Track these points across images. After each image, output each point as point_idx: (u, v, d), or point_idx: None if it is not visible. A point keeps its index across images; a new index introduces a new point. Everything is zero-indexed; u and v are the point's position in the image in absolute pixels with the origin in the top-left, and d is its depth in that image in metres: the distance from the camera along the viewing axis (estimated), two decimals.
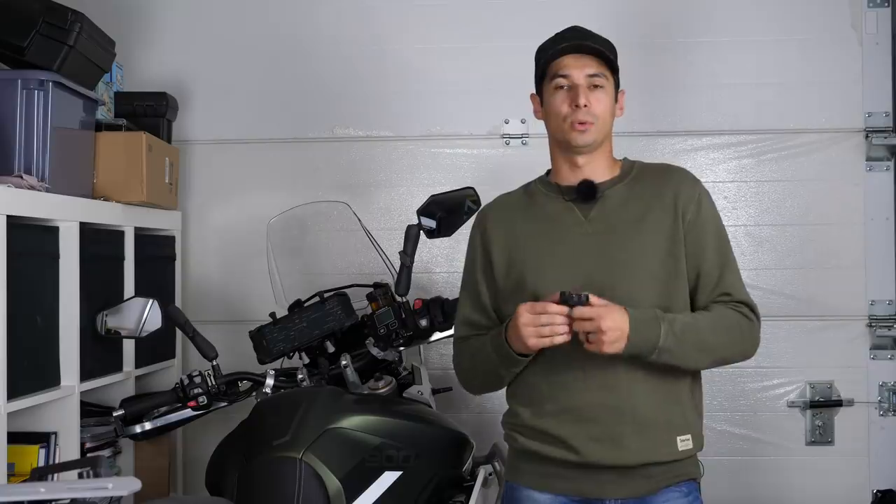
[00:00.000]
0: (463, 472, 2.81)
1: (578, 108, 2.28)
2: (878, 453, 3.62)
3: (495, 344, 2.29)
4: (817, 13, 3.67)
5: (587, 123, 2.29)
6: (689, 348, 2.23)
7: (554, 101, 2.33)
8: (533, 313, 2.18)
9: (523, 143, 3.73)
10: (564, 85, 2.31)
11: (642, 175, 2.39)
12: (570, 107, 2.30)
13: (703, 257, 2.32)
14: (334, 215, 3.63)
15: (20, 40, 2.77)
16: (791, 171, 3.68)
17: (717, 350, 2.30)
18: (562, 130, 2.33)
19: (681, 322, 2.23)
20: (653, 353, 2.20)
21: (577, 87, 2.30)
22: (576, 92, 2.29)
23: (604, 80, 2.31)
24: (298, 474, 2.48)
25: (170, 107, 3.59)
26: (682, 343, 2.21)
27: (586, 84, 2.30)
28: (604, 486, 2.27)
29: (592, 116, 2.30)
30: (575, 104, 2.29)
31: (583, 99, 2.28)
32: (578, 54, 2.31)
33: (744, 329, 2.31)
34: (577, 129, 2.30)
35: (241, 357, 3.05)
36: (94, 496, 1.69)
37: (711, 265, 2.32)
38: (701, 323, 2.26)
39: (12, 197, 2.52)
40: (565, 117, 2.31)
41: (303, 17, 3.78)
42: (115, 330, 2.93)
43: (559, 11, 3.43)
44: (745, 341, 2.33)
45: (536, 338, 2.18)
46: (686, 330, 2.22)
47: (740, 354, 2.36)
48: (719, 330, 2.28)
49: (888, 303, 3.64)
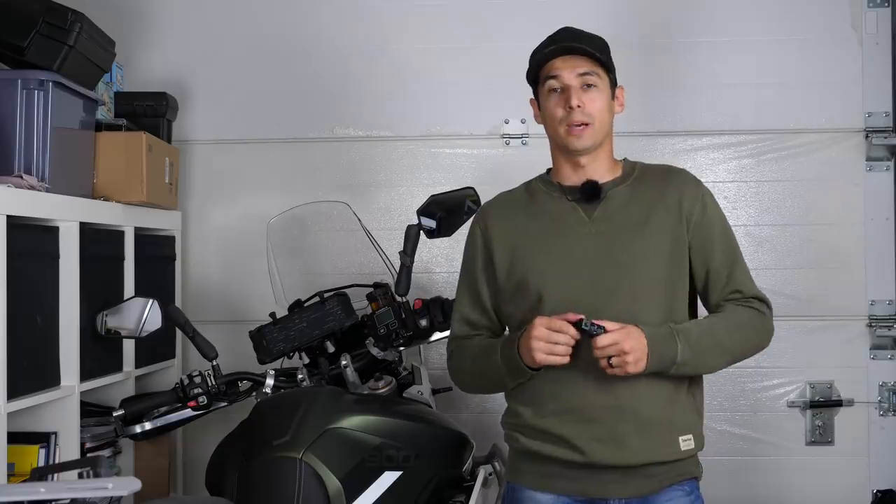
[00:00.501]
0: (463, 472, 2.81)
1: (572, 109, 2.28)
2: (878, 453, 3.62)
3: (506, 355, 2.28)
4: (817, 13, 3.67)
5: (583, 125, 2.29)
6: (706, 357, 2.26)
7: (548, 105, 2.33)
8: (549, 329, 2.18)
9: (523, 143, 3.73)
10: (557, 87, 2.31)
11: (644, 176, 2.39)
12: (564, 109, 2.30)
13: (712, 257, 2.33)
14: (334, 215, 3.63)
15: (20, 40, 2.76)
16: (791, 171, 3.68)
17: (733, 351, 2.32)
18: (559, 135, 2.33)
19: (695, 333, 2.24)
20: (672, 367, 2.22)
21: (568, 88, 2.29)
22: (568, 94, 2.29)
23: (596, 79, 2.30)
24: (298, 474, 2.48)
25: (170, 107, 3.59)
26: (698, 354, 2.23)
27: (578, 84, 2.29)
28: (606, 485, 2.28)
29: (588, 116, 2.29)
30: (568, 106, 2.28)
31: (575, 100, 2.28)
32: (568, 55, 2.30)
33: (756, 324, 2.33)
34: (573, 134, 2.30)
35: (241, 357, 3.05)
36: (94, 496, 1.69)
37: (720, 264, 2.33)
38: (715, 328, 2.28)
39: (12, 197, 2.52)
40: (561, 120, 2.30)
41: (303, 17, 3.78)
42: (115, 330, 2.93)
43: (559, 11, 3.43)
44: (758, 335, 2.35)
45: (544, 354, 2.19)
46: (701, 339, 2.24)
47: (755, 349, 2.38)
48: (733, 330, 2.30)
49: (888, 303, 3.64)
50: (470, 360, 2.40)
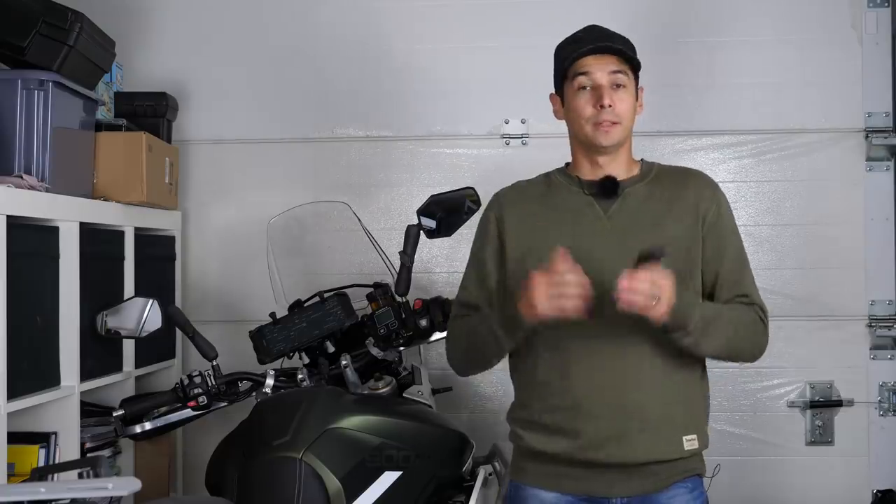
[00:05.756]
0: (463, 472, 2.81)
1: (603, 108, 2.29)
2: (878, 453, 3.62)
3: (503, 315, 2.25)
4: (817, 13, 3.67)
5: (613, 123, 2.30)
6: (710, 338, 2.24)
7: (577, 102, 2.33)
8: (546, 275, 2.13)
9: (523, 143, 3.73)
10: (587, 85, 2.31)
11: (662, 176, 2.40)
12: (594, 107, 2.30)
13: (723, 260, 2.34)
14: (334, 215, 3.64)
15: (20, 40, 2.76)
16: (791, 171, 3.68)
17: (733, 345, 2.31)
18: (585, 131, 2.33)
19: (711, 312, 2.25)
20: (679, 332, 2.19)
21: (600, 87, 2.30)
22: (600, 92, 2.29)
23: (625, 79, 2.31)
24: (298, 474, 2.48)
25: (170, 107, 3.59)
26: (706, 331, 2.22)
27: (609, 83, 2.30)
28: (611, 484, 2.28)
29: (617, 116, 2.30)
30: (600, 104, 2.29)
31: (607, 99, 2.28)
32: (600, 54, 2.31)
33: (758, 330, 2.34)
34: (602, 129, 2.30)
35: (241, 357, 3.05)
36: (94, 496, 1.69)
37: (730, 268, 2.35)
38: (727, 316, 2.28)
39: (12, 197, 2.52)
40: (589, 118, 2.31)
41: (303, 17, 3.78)
42: (115, 330, 2.93)
43: (559, 12, 3.44)
44: (757, 341, 2.36)
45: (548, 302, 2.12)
46: (714, 320, 2.24)
47: (750, 354, 2.38)
48: (739, 326, 2.30)
49: (888, 303, 3.64)
50: (466, 334, 2.38)
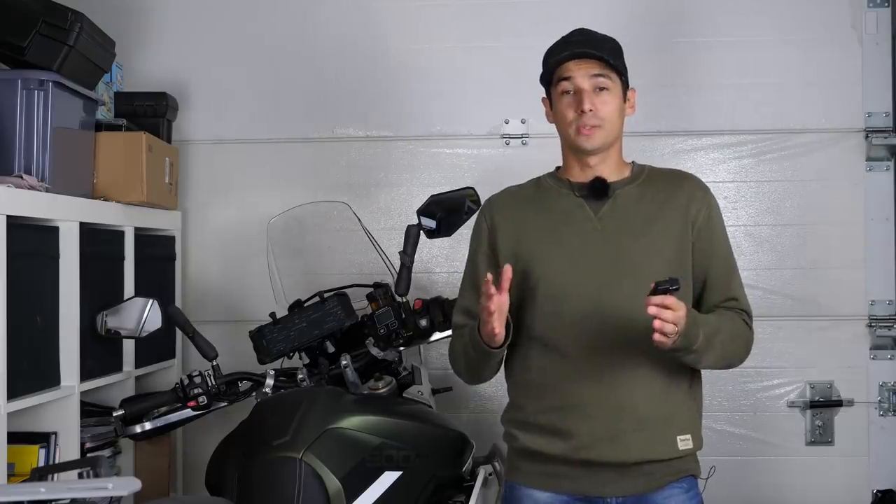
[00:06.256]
0: (463, 472, 2.81)
1: (584, 112, 2.29)
2: (878, 453, 3.62)
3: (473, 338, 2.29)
4: (817, 13, 3.67)
5: (594, 127, 2.30)
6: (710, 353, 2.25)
7: (561, 106, 2.35)
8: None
9: (523, 143, 3.73)
10: (570, 89, 2.33)
11: (653, 178, 2.41)
12: (576, 111, 2.31)
13: (712, 263, 2.35)
14: (334, 215, 3.64)
15: (20, 40, 2.76)
16: (791, 171, 3.68)
17: (727, 356, 2.33)
18: (569, 135, 2.34)
19: (711, 327, 2.24)
20: (683, 353, 2.20)
21: (581, 91, 2.31)
22: (580, 96, 2.31)
23: (608, 82, 2.32)
24: (298, 474, 2.48)
25: (170, 107, 3.59)
26: (707, 348, 2.23)
27: (591, 87, 2.31)
28: (605, 483, 2.29)
29: (599, 119, 2.31)
30: (581, 109, 2.30)
31: (587, 104, 2.30)
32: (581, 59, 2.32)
33: (748, 339, 2.37)
34: (583, 134, 2.31)
35: (241, 357, 3.05)
36: (94, 496, 1.69)
37: (719, 271, 2.36)
38: (723, 328, 2.28)
39: (12, 197, 2.52)
40: (571, 122, 2.32)
41: (303, 17, 3.78)
42: (115, 330, 2.93)
43: (558, 12, 3.44)
44: (747, 349, 2.38)
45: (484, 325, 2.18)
46: (713, 335, 2.24)
47: (739, 361, 2.40)
48: (734, 336, 2.32)
49: (888, 303, 3.64)
50: (462, 349, 2.41)
